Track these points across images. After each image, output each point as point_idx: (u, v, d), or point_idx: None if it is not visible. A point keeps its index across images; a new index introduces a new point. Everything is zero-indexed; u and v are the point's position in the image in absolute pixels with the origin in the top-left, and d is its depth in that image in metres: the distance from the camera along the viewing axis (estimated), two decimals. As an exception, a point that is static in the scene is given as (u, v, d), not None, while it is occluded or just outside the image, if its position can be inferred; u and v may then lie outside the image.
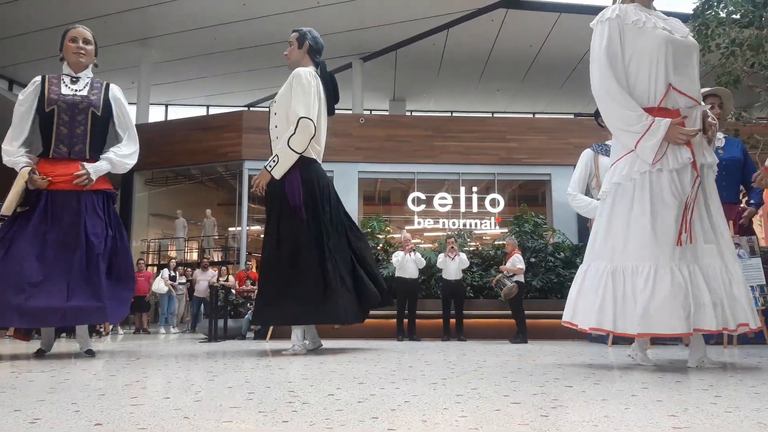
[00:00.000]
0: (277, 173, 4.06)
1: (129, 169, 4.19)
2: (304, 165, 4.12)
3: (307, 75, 4.14)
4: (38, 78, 3.99)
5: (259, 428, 1.44)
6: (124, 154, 4.10)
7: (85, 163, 3.89)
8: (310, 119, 4.02)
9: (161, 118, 20.32)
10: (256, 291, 4.49)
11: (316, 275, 3.96)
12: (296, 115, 4.01)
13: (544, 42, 16.11)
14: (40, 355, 3.86)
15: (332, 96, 4.41)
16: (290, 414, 1.65)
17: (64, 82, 3.96)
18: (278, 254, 4.04)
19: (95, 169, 3.92)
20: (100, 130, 4.01)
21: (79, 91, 3.96)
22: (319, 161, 4.30)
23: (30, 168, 3.79)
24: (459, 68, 17.78)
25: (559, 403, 1.81)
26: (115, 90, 4.11)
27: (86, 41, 4.05)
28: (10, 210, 3.71)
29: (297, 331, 4.27)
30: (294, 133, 4.00)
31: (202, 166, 15.22)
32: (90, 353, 3.92)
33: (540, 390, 2.12)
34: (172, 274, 12.49)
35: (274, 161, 4.05)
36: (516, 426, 1.47)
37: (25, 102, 3.90)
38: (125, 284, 4.00)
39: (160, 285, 11.89)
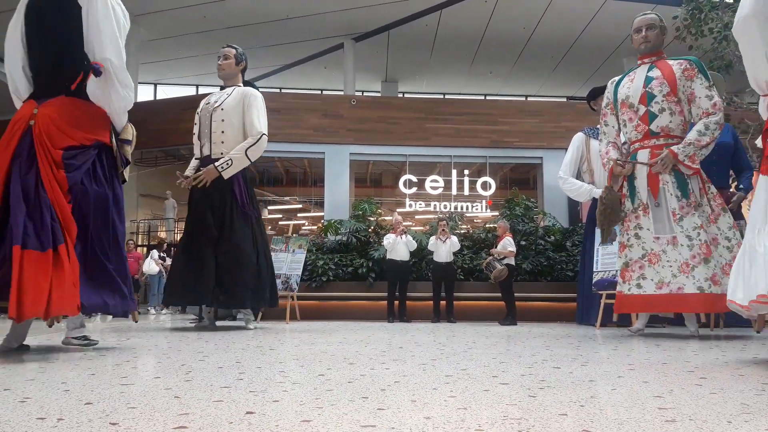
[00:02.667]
0: (227, 175, 4.66)
1: None
2: (243, 170, 4.83)
3: (261, 97, 4.89)
4: None
5: (249, 407, 1.44)
6: None
7: None
8: (266, 137, 4.79)
9: (150, 98, 20.07)
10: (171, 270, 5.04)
11: (252, 264, 4.65)
12: (259, 132, 4.72)
13: (537, 24, 16.00)
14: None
15: None
16: (281, 393, 1.66)
17: None
18: (216, 240, 4.62)
19: None
20: None
21: None
22: None
23: None
24: (452, 50, 17.64)
25: (547, 384, 1.83)
26: None
27: None
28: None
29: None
30: (254, 145, 4.70)
31: (192, 146, 15.06)
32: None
33: (528, 371, 2.15)
34: (162, 254, 12.45)
35: (228, 164, 4.64)
36: (504, 406, 1.48)
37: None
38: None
39: (151, 265, 11.89)
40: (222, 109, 4.80)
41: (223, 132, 4.78)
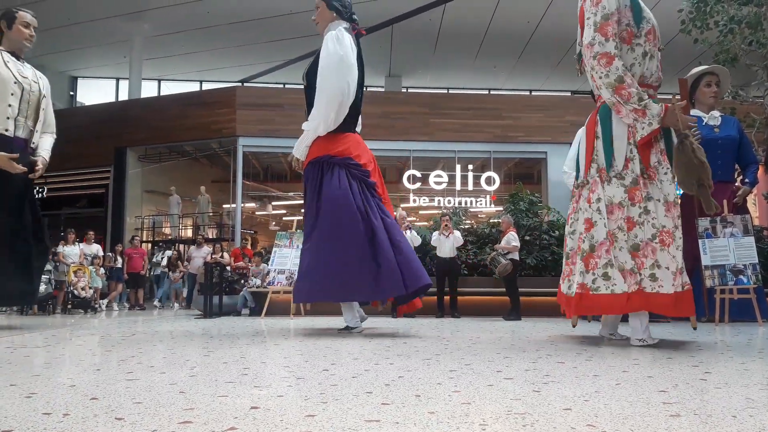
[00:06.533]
0: None
1: None
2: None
3: None
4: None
5: (254, 402, 1.45)
6: None
7: None
8: None
9: (154, 94, 20.09)
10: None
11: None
12: None
13: (541, 18, 15.93)
14: None
15: None
16: (285, 388, 1.66)
17: None
18: None
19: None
20: None
21: None
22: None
23: None
24: (456, 44, 17.59)
25: (551, 379, 1.83)
26: None
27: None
28: None
29: None
30: None
31: (196, 142, 15.09)
32: None
33: (532, 366, 2.15)
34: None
35: None
36: (508, 401, 1.48)
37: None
38: None
39: (164, 262, 12.25)
40: (44, 97, 4.48)
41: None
